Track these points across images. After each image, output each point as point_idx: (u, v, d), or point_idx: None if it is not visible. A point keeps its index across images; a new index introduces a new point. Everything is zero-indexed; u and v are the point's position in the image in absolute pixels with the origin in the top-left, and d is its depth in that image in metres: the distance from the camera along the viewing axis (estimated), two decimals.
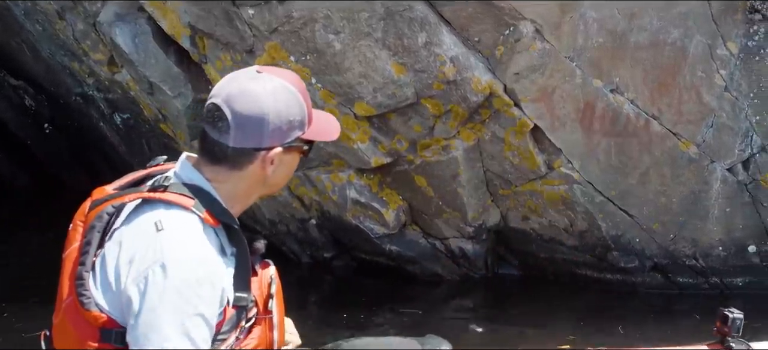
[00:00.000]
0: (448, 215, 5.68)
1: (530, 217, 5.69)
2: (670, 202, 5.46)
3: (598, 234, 5.58)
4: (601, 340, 4.99)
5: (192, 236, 2.03)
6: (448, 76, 5.09)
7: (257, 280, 2.19)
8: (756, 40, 5.20)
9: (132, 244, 2.04)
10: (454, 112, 5.23)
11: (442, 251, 5.88)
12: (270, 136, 2.09)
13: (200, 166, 2.15)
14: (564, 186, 5.43)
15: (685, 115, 5.25)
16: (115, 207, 2.11)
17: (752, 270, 5.62)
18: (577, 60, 5.14)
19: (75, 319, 2.06)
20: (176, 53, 5.91)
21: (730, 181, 5.41)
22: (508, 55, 5.10)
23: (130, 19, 5.96)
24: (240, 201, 2.18)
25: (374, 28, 5.12)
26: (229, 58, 5.53)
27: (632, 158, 5.35)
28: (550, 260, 5.89)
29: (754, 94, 5.27)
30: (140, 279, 1.98)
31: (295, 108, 2.13)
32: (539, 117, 5.23)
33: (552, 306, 5.70)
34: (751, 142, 5.35)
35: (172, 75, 5.93)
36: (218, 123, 2.07)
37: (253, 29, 5.29)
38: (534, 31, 5.07)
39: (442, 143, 5.39)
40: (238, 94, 2.07)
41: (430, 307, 5.65)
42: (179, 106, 5.95)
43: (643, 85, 5.21)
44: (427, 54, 5.10)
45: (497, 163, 5.46)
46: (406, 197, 5.75)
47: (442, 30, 5.09)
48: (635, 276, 5.71)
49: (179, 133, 6.11)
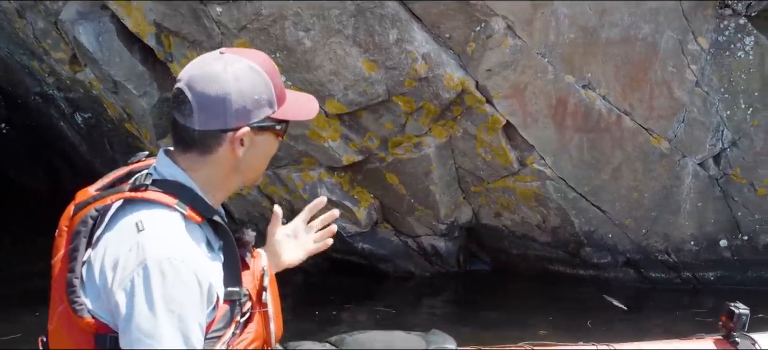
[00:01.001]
0: (420, 212, 5.72)
1: (502, 214, 5.74)
2: (642, 198, 5.54)
3: (571, 230, 5.65)
4: (574, 336, 5.05)
5: (173, 234, 2.02)
6: (420, 73, 5.12)
7: (249, 273, 2.18)
8: (726, 35, 5.29)
9: (115, 248, 2.02)
10: (425, 110, 5.27)
11: (414, 249, 5.91)
12: (235, 116, 2.07)
13: (175, 156, 2.14)
14: (537, 182, 5.49)
15: (656, 110, 5.33)
16: (98, 210, 2.09)
17: (723, 264, 5.72)
18: (549, 56, 5.20)
19: (69, 327, 2.05)
20: (141, 51, 5.88)
21: (701, 176, 5.51)
22: (479, 51, 5.14)
23: (94, 17, 5.92)
24: (219, 190, 2.16)
25: (345, 25, 5.14)
26: (196, 56, 5.49)
27: (605, 154, 5.42)
28: (522, 256, 5.94)
29: (725, 88, 5.36)
30: (126, 283, 1.97)
31: (260, 86, 2.10)
32: (512, 113, 5.28)
33: (525, 302, 5.75)
34: (721, 136, 5.44)
35: (136, 73, 5.90)
36: (182, 106, 2.07)
37: (222, 27, 5.28)
38: (506, 27, 5.11)
39: (413, 140, 5.42)
40: (199, 75, 2.07)
41: (403, 304, 5.68)
42: (145, 105, 5.93)
43: (615, 80, 5.28)
44: (398, 51, 5.12)
45: (469, 160, 5.50)
46: (377, 195, 5.77)
47: (414, 27, 5.12)
48: (608, 271, 5.79)
49: (145, 131, 6.08)
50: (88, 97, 6.67)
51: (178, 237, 2.02)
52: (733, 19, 5.27)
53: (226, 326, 2.09)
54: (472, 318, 5.43)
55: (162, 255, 1.97)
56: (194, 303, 1.99)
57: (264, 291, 2.20)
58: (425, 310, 5.68)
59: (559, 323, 5.35)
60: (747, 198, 5.56)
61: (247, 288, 2.15)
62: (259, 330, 2.19)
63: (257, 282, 2.19)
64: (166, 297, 1.95)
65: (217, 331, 2.07)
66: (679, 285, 5.78)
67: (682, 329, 5.21)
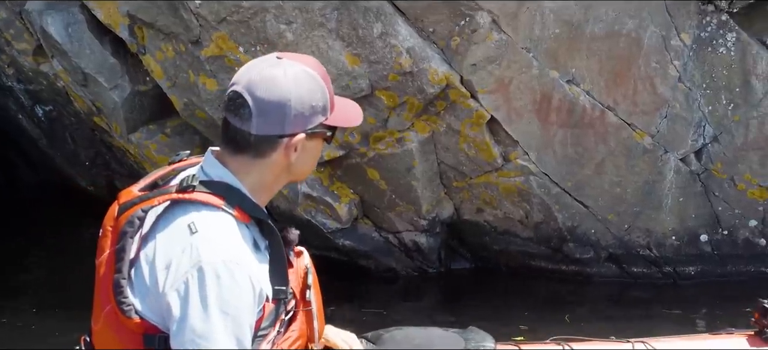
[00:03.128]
0: (401, 208, 5.80)
1: (485, 209, 5.85)
2: (625, 193, 5.68)
3: (554, 225, 5.78)
4: (556, 331, 5.17)
5: (227, 236, 2.07)
6: (405, 68, 5.20)
7: (294, 271, 2.24)
8: (709, 31, 5.46)
9: (167, 249, 2.07)
10: (409, 104, 5.35)
11: (395, 245, 5.99)
12: (292, 123, 2.13)
13: (224, 158, 2.18)
14: (520, 177, 5.60)
15: (639, 105, 5.48)
16: (144, 211, 2.13)
17: (704, 258, 5.89)
18: (534, 51, 5.31)
19: (117, 327, 2.10)
20: (112, 43, 5.88)
21: (683, 171, 5.66)
22: (464, 46, 5.24)
23: (62, 7, 5.89)
24: (266, 191, 2.22)
25: (328, 18, 5.20)
26: (171, 48, 5.54)
27: (588, 149, 5.55)
28: (503, 252, 6.05)
29: (707, 84, 5.53)
30: (179, 285, 2.02)
31: (318, 93, 2.17)
32: (496, 108, 5.38)
33: (506, 298, 5.87)
34: (703, 132, 5.60)
35: (107, 66, 5.89)
36: (240, 110, 2.11)
37: (200, 19, 5.31)
38: (491, 21, 5.21)
39: (396, 135, 5.50)
40: (259, 80, 2.11)
41: (387, 301, 5.76)
42: (116, 98, 5.92)
43: (599, 75, 5.41)
44: (382, 45, 5.20)
45: (452, 155, 5.60)
46: (357, 190, 5.84)
47: (398, 21, 5.19)
48: (590, 266, 5.92)
49: (115, 125, 6.08)
50: (52, 90, 6.64)
51: (231, 239, 2.07)
52: (716, 15, 5.44)
53: (272, 325, 2.15)
54: (454, 314, 5.53)
55: (217, 257, 2.02)
56: (247, 306, 2.05)
57: (308, 290, 2.26)
58: (407, 307, 5.77)
59: (540, 318, 5.47)
60: (727, 193, 5.73)
61: (292, 286, 2.20)
62: (303, 328, 2.26)
63: (301, 281, 2.26)
64: (221, 300, 2.00)
65: (263, 330, 2.13)
66: (660, 280, 5.93)
67: (664, 325, 5.42)
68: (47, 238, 6.86)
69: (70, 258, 6.52)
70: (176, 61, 5.58)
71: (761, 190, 5.71)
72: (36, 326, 5.35)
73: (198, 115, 5.72)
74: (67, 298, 5.68)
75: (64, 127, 7.29)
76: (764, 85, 5.54)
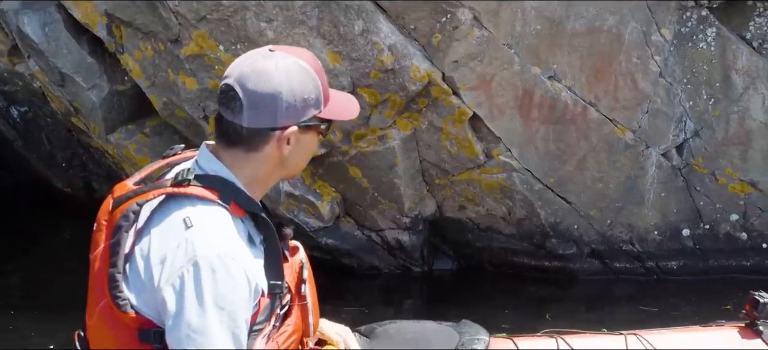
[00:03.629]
0: (383, 206, 5.82)
1: (467, 206, 5.88)
2: (607, 188, 5.73)
3: (537, 221, 5.81)
4: (539, 328, 5.20)
5: (222, 231, 2.08)
6: (387, 65, 5.22)
7: (289, 266, 2.25)
8: (689, 27, 5.50)
9: (162, 244, 2.08)
10: (391, 101, 5.37)
11: (378, 243, 6.01)
12: (284, 115, 2.13)
13: (218, 152, 2.19)
14: (502, 174, 5.63)
15: (621, 101, 5.52)
16: (139, 205, 2.13)
17: (686, 253, 5.94)
18: (516, 47, 5.34)
19: (112, 322, 2.11)
20: (90, 43, 5.86)
21: (664, 166, 5.71)
22: (446, 42, 5.26)
23: (39, 7, 5.87)
24: (261, 186, 2.23)
25: (309, 15, 5.21)
26: (150, 47, 5.53)
27: (570, 145, 5.59)
28: (486, 249, 6.08)
29: (687, 79, 5.58)
30: (174, 279, 2.02)
31: (310, 85, 2.17)
32: (478, 105, 5.41)
33: (488, 294, 5.90)
34: (684, 127, 5.65)
35: (85, 66, 5.88)
36: (231, 103, 2.12)
37: (179, 17, 5.30)
38: (472, 18, 5.24)
39: (378, 133, 5.52)
40: (250, 72, 2.12)
41: (369, 300, 5.78)
42: (94, 98, 5.91)
43: (580, 71, 5.45)
44: (364, 42, 5.21)
45: (434, 153, 5.62)
46: (339, 189, 5.85)
47: (379, 18, 5.21)
48: (573, 262, 5.96)
49: (93, 125, 6.06)
50: (27, 91, 6.62)
51: (226, 233, 2.08)
52: (696, 11, 5.49)
53: (267, 319, 2.16)
54: (437, 312, 5.55)
55: (212, 252, 2.03)
56: (243, 300, 2.05)
57: (303, 284, 2.28)
58: (390, 305, 5.79)
59: (523, 315, 5.51)
60: (709, 187, 5.79)
61: (287, 281, 2.22)
62: (298, 322, 2.28)
63: (296, 275, 2.28)
64: (217, 295, 2.01)
65: (258, 324, 2.14)
66: (643, 275, 5.99)
67: (648, 320, 5.47)
68: (23, 240, 6.82)
69: (46, 259, 6.50)
70: (155, 60, 5.57)
71: (742, 184, 5.77)
72: (13, 327, 5.32)
73: (178, 114, 5.71)
74: (44, 299, 5.67)
75: (40, 128, 7.27)
76: (744, 80, 5.59)
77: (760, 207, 5.83)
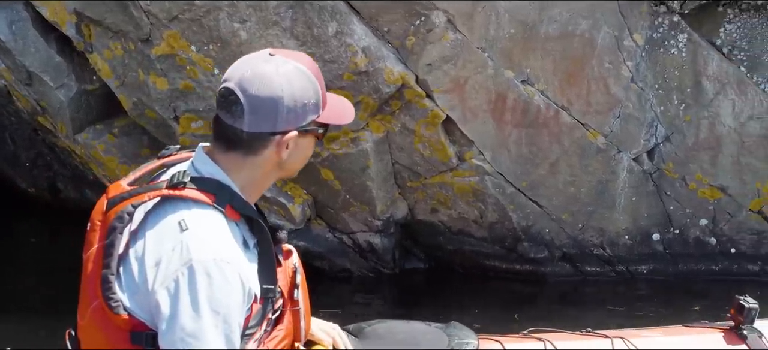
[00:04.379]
0: (355, 208, 5.84)
1: (439, 209, 5.92)
2: (579, 192, 5.79)
3: (509, 225, 5.86)
4: (508, 329, 5.26)
5: (217, 234, 2.10)
6: (360, 67, 5.25)
7: (282, 270, 2.26)
8: (660, 32, 5.59)
9: (156, 246, 2.10)
10: (364, 104, 5.40)
11: (349, 245, 6.03)
12: (285, 120, 2.16)
13: (215, 154, 2.21)
14: (475, 177, 5.68)
15: (593, 105, 5.59)
16: (134, 206, 2.15)
17: (656, 257, 6.02)
18: (489, 50, 5.39)
19: (104, 323, 2.12)
20: (58, 41, 5.83)
21: (635, 171, 5.79)
22: (420, 45, 5.30)
23: (5, 5, 5.82)
24: (257, 188, 2.26)
25: (282, 16, 5.22)
26: (120, 46, 5.51)
27: (542, 149, 5.65)
28: (457, 252, 6.12)
29: (659, 84, 5.66)
30: (169, 283, 2.04)
31: (310, 90, 2.20)
32: (452, 108, 5.45)
33: (459, 297, 5.95)
34: (655, 132, 5.74)
35: (53, 64, 5.84)
36: (232, 107, 2.14)
37: (151, 17, 5.29)
38: (446, 21, 5.28)
39: (350, 135, 5.54)
40: (251, 77, 2.14)
41: (340, 302, 5.80)
42: (62, 98, 5.87)
43: (553, 75, 5.51)
44: (337, 44, 5.24)
45: (406, 155, 5.65)
46: (310, 191, 5.86)
47: (353, 19, 5.24)
48: (544, 266, 6.02)
49: (61, 125, 6.03)
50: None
51: (221, 237, 2.10)
52: (668, 16, 5.58)
53: (259, 324, 2.18)
54: (409, 315, 5.58)
55: (207, 255, 2.05)
56: (237, 304, 2.08)
57: (296, 289, 2.29)
58: (362, 308, 5.81)
59: (493, 318, 5.55)
60: (679, 192, 5.87)
61: (280, 285, 2.24)
62: (290, 327, 2.30)
63: (289, 280, 2.29)
64: (212, 299, 2.03)
65: (250, 329, 2.16)
66: (613, 279, 6.06)
67: (616, 323, 5.54)
68: None
69: (8, 261, 6.43)
70: (125, 59, 5.55)
71: (712, 189, 5.87)
72: None
73: (148, 115, 5.70)
74: (5, 303, 5.61)
75: (4, 128, 7.21)
76: (715, 86, 5.69)
77: (729, 212, 5.92)
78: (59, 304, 4.83)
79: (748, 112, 5.74)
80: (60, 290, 5.20)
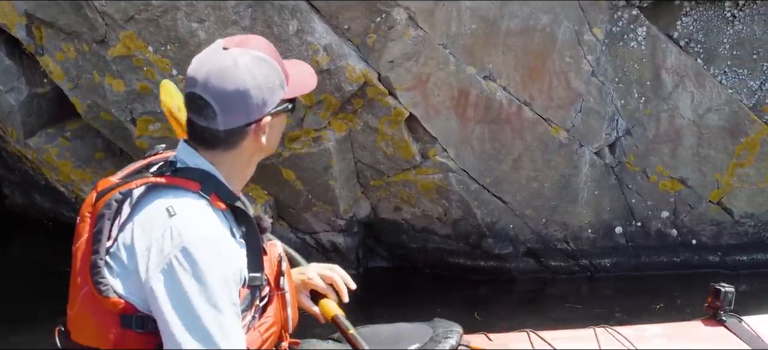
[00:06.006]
0: (318, 208, 5.88)
1: (402, 208, 5.98)
2: (542, 187, 5.89)
3: (473, 221, 5.95)
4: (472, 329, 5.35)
5: (205, 218, 2.17)
6: (322, 65, 5.29)
7: (268, 259, 2.35)
8: (620, 26, 5.71)
9: (146, 232, 2.16)
10: (326, 102, 5.44)
11: (312, 246, 6.06)
12: (257, 109, 2.23)
13: (198, 151, 2.27)
14: (439, 175, 5.75)
15: (555, 100, 5.70)
16: (122, 194, 2.22)
17: (619, 250, 6.16)
18: (451, 47, 5.47)
19: (93, 308, 2.18)
20: (7, 44, 5.78)
21: (597, 165, 5.91)
22: (381, 42, 5.36)
23: None
24: (240, 176, 2.34)
25: (242, 16, 5.24)
26: (73, 48, 5.48)
27: (505, 145, 5.74)
28: (421, 250, 6.19)
29: (619, 78, 5.79)
30: (163, 266, 2.11)
31: (272, 74, 2.27)
32: (415, 105, 5.52)
33: (423, 295, 6.00)
34: (616, 125, 5.87)
35: (2, 68, 5.79)
36: (203, 111, 2.21)
37: (106, 17, 5.28)
38: (407, 18, 5.35)
39: (312, 134, 5.58)
40: (214, 77, 2.20)
41: None
42: (12, 102, 5.83)
43: (515, 71, 5.60)
44: (298, 43, 5.27)
45: (369, 154, 5.71)
46: (272, 191, 5.89)
47: (314, 18, 5.28)
48: (509, 262, 6.10)
49: (11, 130, 5.97)
50: None
51: (209, 220, 2.18)
52: (627, 10, 5.71)
53: (247, 309, 2.26)
54: (374, 314, 5.63)
55: (198, 236, 2.13)
56: (231, 280, 2.15)
57: (282, 276, 2.38)
58: None
59: (458, 316, 5.61)
60: (640, 185, 6.01)
61: (266, 273, 2.32)
62: (278, 313, 2.37)
63: (275, 268, 2.37)
64: (208, 276, 2.11)
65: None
66: (578, 273, 6.18)
67: (583, 319, 5.65)
68: None
69: None
70: (79, 61, 5.53)
71: (672, 182, 6.02)
72: None
73: (103, 117, 5.67)
74: None
75: None
76: (673, 79, 5.83)
77: (689, 203, 6.08)
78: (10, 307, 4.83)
79: (707, 104, 5.90)
80: (10, 298, 5.19)
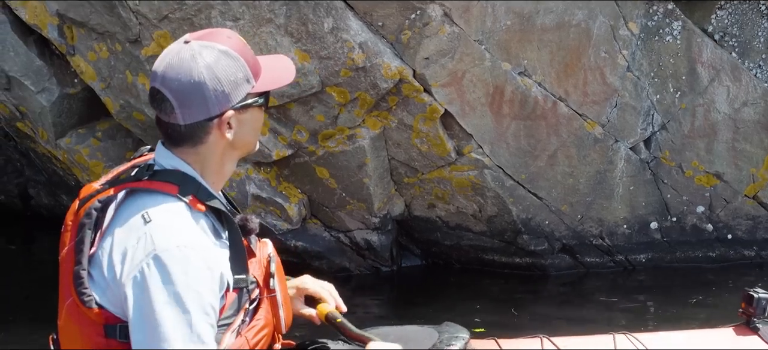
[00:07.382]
0: (351, 206, 5.93)
1: (437, 205, 6.03)
2: (578, 183, 5.93)
3: (508, 218, 5.99)
4: (508, 324, 5.41)
5: (180, 223, 2.17)
6: (357, 63, 5.33)
7: (256, 260, 2.32)
8: (655, 20, 5.76)
9: (122, 240, 2.17)
10: (361, 100, 5.49)
11: (346, 244, 6.11)
12: (216, 103, 2.20)
13: (170, 149, 2.28)
14: (474, 171, 5.79)
15: (590, 95, 5.74)
16: (102, 201, 2.21)
17: (654, 245, 6.19)
18: (486, 43, 5.51)
19: (78, 319, 2.20)
20: (37, 44, 5.84)
21: (633, 160, 5.95)
22: (416, 39, 5.40)
23: None
24: (217, 174, 2.31)
25: (276, 13, 5.29)
26: (105, 48, 5.54)
27: (541, 141, 5.78)
28: (455, 247, 6.25)
29: (655, 73, 5.83)
30: (135, 274, 2.11)
31: (233, 67, 2.23)
32: (450, 102, 5.56)
33: (459, 293, 6.05)
34: (652, 120, 5.91)
35: (34, 68, 5.85)
36: (162, 105, 2.21)
37: (140, 17, 5.33)
38: (442, 14, 5.39)
39: (346, 132, 5.63)
40: (170, 71, 2.20)
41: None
42: (43, 102, 5.88)
43: (550, 67, 5.65)
44: (333, 40, 5.32)
45: (403, 151, 5.76)
46: (305, 190, 5.94)
47: (349, 15, 5.32)
48: (544, 258, 6.16)
49: (41, 131, 6.04)
50: None
51: (184, 225, 2.18)
52: (662, 4, 5.76)
53: (235, 313, 2.26)
54: (408, 313, 5.70)
55: (171, 243, 2.12)
56: (208, 290, 2.14)
57: (271, 278, 2.34)
58: (361, 307, 5.89)
59: (493, 312, 5.68)
60: (675, 180, 6.05)
61: (254, 275, 2.30)
62: (269, 316, 2.35)
63: (264, 269, 2.34)
64: (178, 285, 2.10)
65: (227, 318, 2.23)
66: (612, 269, 6.23)
67: (618, 315, 5.72)
68: None
69: None
70: (111, 61, 5.59)
71: (708, 176, 6.06)
72: None
73: (135, 117, 5.74)
74: None
75: None
76: (709, 73, 5.88)
77: (725, 198, 6.12)
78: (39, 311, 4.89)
79: (743, 98, 5.94)
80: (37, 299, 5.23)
